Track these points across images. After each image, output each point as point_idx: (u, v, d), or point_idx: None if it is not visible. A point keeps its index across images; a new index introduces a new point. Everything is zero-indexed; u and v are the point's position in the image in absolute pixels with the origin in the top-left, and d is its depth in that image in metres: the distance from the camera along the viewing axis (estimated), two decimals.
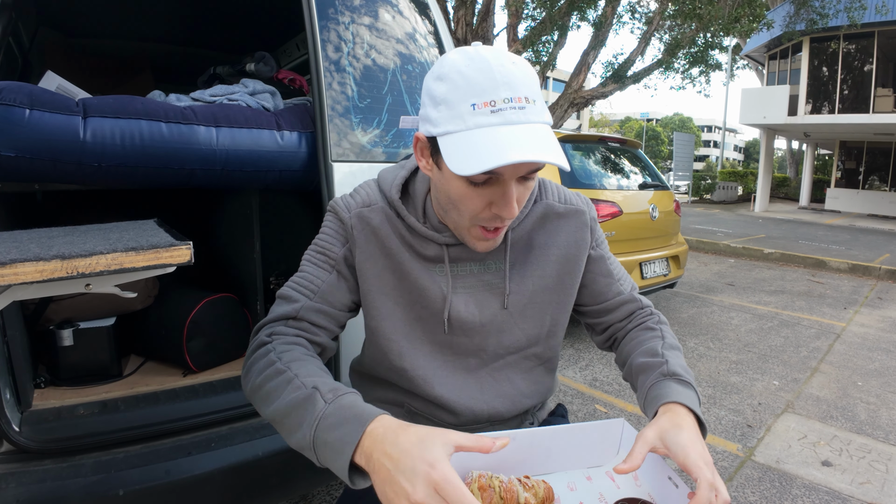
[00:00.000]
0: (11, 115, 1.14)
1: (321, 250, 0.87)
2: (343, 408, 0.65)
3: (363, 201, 0.86)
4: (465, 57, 0.69)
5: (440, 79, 0.70)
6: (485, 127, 0.67)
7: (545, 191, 0.92)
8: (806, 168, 17.51)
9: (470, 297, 0.87)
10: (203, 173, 1.42)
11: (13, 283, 0.51)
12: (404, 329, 0.88)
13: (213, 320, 1.76)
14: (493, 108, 0.66)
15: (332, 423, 0.63)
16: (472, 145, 0.66)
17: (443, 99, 0.69)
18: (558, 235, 0.91)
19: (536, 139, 0.67)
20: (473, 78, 0.67)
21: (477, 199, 0.73)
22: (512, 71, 0.67)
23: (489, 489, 0.72)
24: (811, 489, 2.07)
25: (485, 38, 7.87)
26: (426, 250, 0.85)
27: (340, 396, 0.67)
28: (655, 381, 0.82)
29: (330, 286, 0.85)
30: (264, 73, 2.03)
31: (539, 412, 1.02)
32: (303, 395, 0.68)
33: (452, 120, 0.68)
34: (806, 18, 11.66)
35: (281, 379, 0.72)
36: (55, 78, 1.54)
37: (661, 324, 0.96)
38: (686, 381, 0.81)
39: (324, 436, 0.63)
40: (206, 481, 1.29)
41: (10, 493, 1.14)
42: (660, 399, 0.78)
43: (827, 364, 3.48)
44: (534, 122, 0.68)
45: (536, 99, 0.69)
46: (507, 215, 0.73)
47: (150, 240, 0.68)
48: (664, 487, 0.76)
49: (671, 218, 4.31)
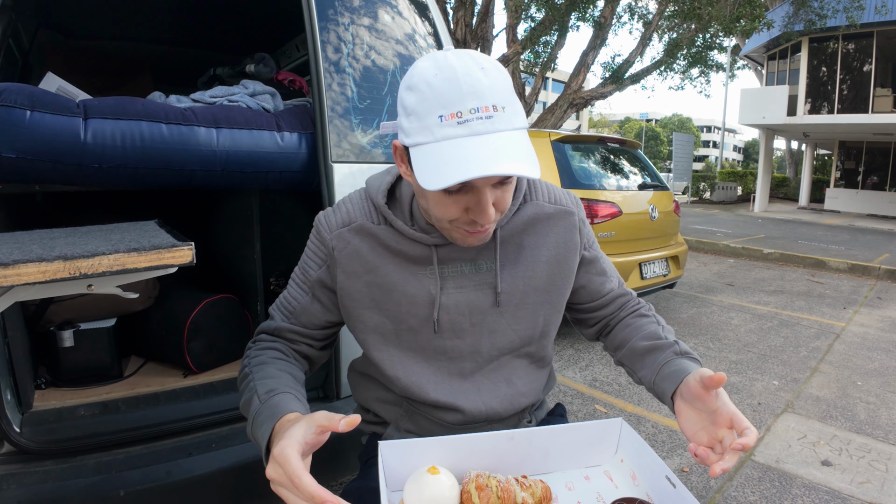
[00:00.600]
0: (12, 116, 1.15)
1: (302, 270, 0.92)
2: (270, 407, 0.74)
3: (343, 220, 0.87)
4: (434, 66, 0.69)
5: (410, 89, 0.70)
6: (452, 139, 0.67)
7: (535, 190, 0.92)
8: (805, 168, 17.51)
9: (461, 296, 0.87)
10: (203, 174, 1.42)
11: (16, 283, 0.51)
12: (395, 340, 0.89)
13: (213, 321, 1.76)
14: (459, 120, 0.66)
15: (260, 420, 0.73)
16: (439, 158, 0.67)
17: (412, 110, 0.69)
18: (548, 237, 0.91)
19: (504, 150, 0.66)
20: (440, 88, 0.67)
21: (453, 206, 0.74)
22: (479, 79, 0.67)
23: (486, 489, 0.72)
24: (811, 489, 2.08)
25: (484, 38, 7.89)
26: (415, 251, 0.85)
27: (273, 397, 0.76)
28: (670, 359, 0.85)
29: (304, 308, 0.91)
30: (264, 74, 2.03)
31: (537, 411, 1.02)
32: (249, 396, 0.79)
33: (422, 131, 0.68)
34: (805, 19, 11.68)
35: (244, 381, 0.83)
36: (56, 79, 1.54)
37: (653, 312, 0.99)
38: (697, 359, 0.85)
39: (254, 432, 0.74)
40: (206, 482, 1.29)
41: (10, 493, 1.14)
42: (682, 373, 0.80)
43: (826, 364, 3.49)
44: (502, 130, 0.67)
45: (506, 105, 0.68)
46: (484, 221, 0.74)
47: (151, 240, 0.68)
48: (662, 487, 0.76)
49: (670, 218, 4.31)
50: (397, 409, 0.94)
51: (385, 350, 0.89)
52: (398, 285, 0.85)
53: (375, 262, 0.85)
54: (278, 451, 0.63)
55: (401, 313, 0.87)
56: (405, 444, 0.78)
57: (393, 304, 0.86)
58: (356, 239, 0.86)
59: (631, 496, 0.78)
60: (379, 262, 0.86)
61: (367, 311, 0.87)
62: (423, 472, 0.73)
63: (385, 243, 0.85)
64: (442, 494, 0.71)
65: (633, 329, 0.95)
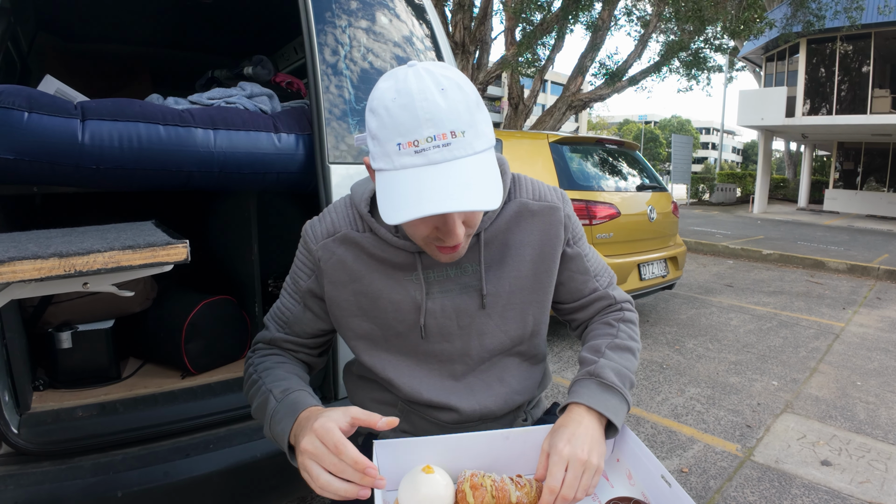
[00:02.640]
0: (10, 117, 1.15)
1: (293, 280, 0.93)
2: (288, 404, 0.77)
3: (328, 230, 0.87)
4: (393, 88, 0.68)
5: (372, 112, 0.70)
6: (409, 168, 0.66)
7: (519, 188, 0.90)
8: (804, 169, 17.52)
9: (447, 300, 0.86)
10: (201, 175, 1.42)
11: (11, 280, 0.51)
12: (384, 345, 0.89)
13: (211, 322, 1.76)
14: (416, 149, 0.66)
15: (279, 418, 0.76)
16: (397, 189, 0.67)
17: (374, 134, 0.69)
18: (533, 234, 0.89)
19: (462, 181, 0.66)
20: (397, 115, 0.66)
21: (421, 225, 0.74)
22: (437, 104, 0.65)
23: (481, 488, 0.72)
24: (810, 488, 2.08)
25: (483, 41, 7.91)
26: (398, 258, 0.85)
27: (288, 395, 0.79)
28: (579, 380, 0.86)
29: (297, 317, 0.93)
30: (262, 76, 2.04)
31: (533, 410, 1.02)
32: (263, 398, 0.81)
33: (383, 157, 0.68)
34: (803, 20, 11.69)
35: (254, 387, 0.85)
36: (54, 82, 1.55)
37: (623, 321, 0.96)
38: (607, 383, 0.83)
39: (273, 429, 0.76)
40: (204, 483, 1.29)
41: (8, 494, 1.14)
42: (567, 399, 0.84)
43: (826, 364, 3.49)
44: (461, 156, 0.66)
45: (466, 129, 0.67)
46: (451, 242, 0.74)
47: (147, 238, 0.69)
48: (657, 486, 0.77)
49: (669, 219, 4.32)
50: (393, 409, 0.94)
51: (376, 355, 0.90)
52: (384, 293, 0.86)
53: (360, 270, 0.86)
54: (319, 425, 0.67)
55: (388, 320, 0.87)
56: (400, 443, 0.78)
57: (380, 312, 0.87)
58: (341, 249, 0.86)
59: (627, 496, 0.78)
60: (364, 270, 0.86)
61: (355, 318, 0.88)
62: (417, 472, 0.73)
63: (369, 251, 0.85)
64: (436, 494, 0.71)
65: (588, 336, 0.96)
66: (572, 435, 0.75)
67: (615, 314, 0.97)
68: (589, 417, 0.79)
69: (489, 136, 0.71)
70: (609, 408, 0.80)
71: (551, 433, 0.78)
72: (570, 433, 0.76)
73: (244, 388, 0.90)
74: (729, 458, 2.31)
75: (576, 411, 0.80)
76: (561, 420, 0.80)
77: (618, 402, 0.82)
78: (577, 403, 0.81)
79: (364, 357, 0.90)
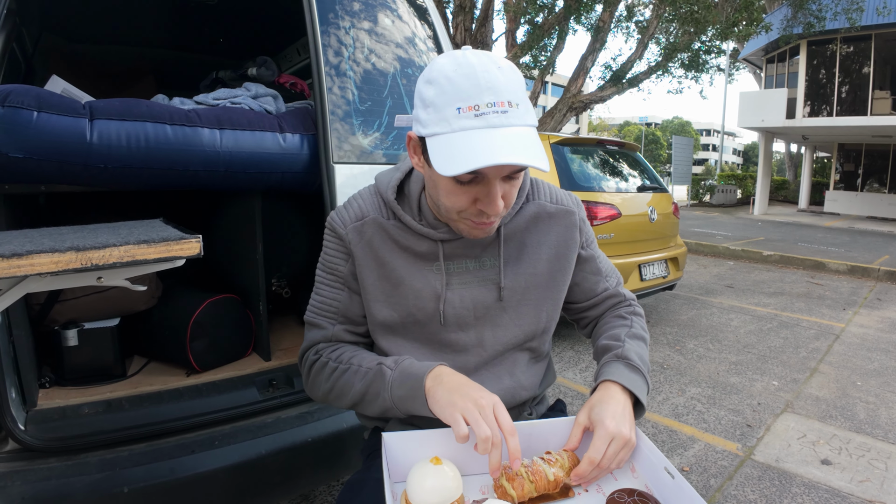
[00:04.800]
0: (19, 117, 1.16)
1: (330, 270, 0.92)
2: (405, 369, 0.81)
3: (356, 215, 0.90)
4: (453, 62, 0.72)
5: (429, 82, 0.73)
6: (468, 130, 0.70)
7: (537, 191, 0.96)
8: (805, 171, 17.53)
9: (466, 292, 0.90)
10: (207, 175, 1.44)
11: (29, 273, 0.53)
12: (402, 332, 0.91)
13: (216, 321, 1.77)
14: (476, 112, 0.69)
15: (401, 381, 0.80)
16: (455, 147, 0.70)
17: (431, 102, 0.72)
18: (549, 235, 0.94)
19: (516, 142, 0.70)
20: (459, 83, 0.70)
21: (463, 196, 0.77)
22: (496, 76, 0.70)
23: (517, 477, 0.74)
24: (811, 487, 2.09)
25: (483, 43, 7.92)
26: (421, 247, 0.88)
27: (401, 363, 0.83)
28: (607, 362, 0.90)
29: (346, 305, 0.92)
30: (266, 77, 2.06)
31: (538, 406, 1.03)
32: (373, 374, 0.84)
33: (439, 122, 0.71)
34: (803, 22, 11.72)
35: (347, 374, 0.87)
36: (60, 82, 1.56)
37: (634, 315, 1.01)
38: (634, 365, 0.88)
39: (398, 392, 0.80)
40: (209, 479, 1.30)
41: (15, 490, 1.15)
42: (599, 377, 0.87)
43: (826, 364, 3.49)
44: (516, 125, 0.71)
45: (520, 103, 0.72)
46: (492, 212, 0.77)
47: (160, 234, 0.70)
48: (660, 478, 0.78)
49: (670, 220, 4.33)
50: None
51: (394, 341, 0.92)
52: (405, 279, 0.88)
53: (385, 256, 0.88)
54: (500, 402, 0.74)
55: (408, 307, 0.89)
56: (409, 435, 0.80)
57: (401, 298, 0.89)
58: (369, 233, 0.89)
59: (630, 487, 0.79)
60: (388, 256, 0.88)
61: (377, 303, 0.90)
62: (425, 463, 0.74)
63: (394, 238, 0.88)
64: (444, 485, 0.72)
65: (604, 329, 0.99)
66: (615, 412, 0.80)
67: (626, 308, 1.02)
68: (623, 395, 0.83)
69: (535, 117, 0.76)
70: (637, 387, 0.85)
71: (591, 407, 0.82)
72: (614, 411, 0.80)
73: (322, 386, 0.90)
74: (729, 457, 2.32)
75: (612, 389, 0.84)
76: (598, 395, 0.84)
77: (642, 384, 0.87)
78: (612, 381, 0.85)
79: (382, 343, 0.92)
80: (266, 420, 1.47)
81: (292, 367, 1.74)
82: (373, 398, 0.83)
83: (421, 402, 0.78)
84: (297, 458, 1.43)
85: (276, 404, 1.52)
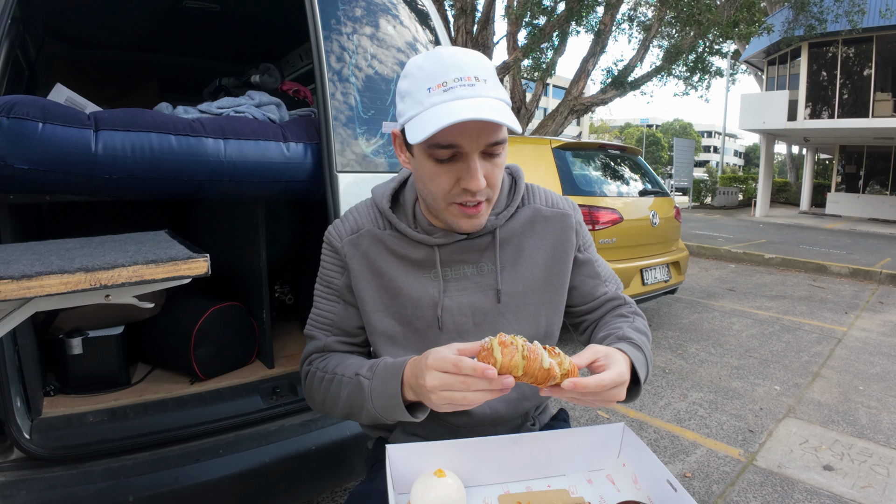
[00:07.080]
0: (25, 128, 1.17)
1: (326, 283, 0.94)
2: (380, 375, 0.79)
3: (351, 228, 0.92)
4: (425, 55, 0.78)
5: (404, 76, 0.79)
6: (439, 104, 0.74)
7: (533, 195, 0.97)
8: (806, 173, 17.51)
9: (463, 298, 0.90)
10: (211, 184, 1.45)
11: (38, 294, 0.53)
12: (403, 342, 0.91)
13: (220, 328, 1.78)
14: (444, 88, 0.74)
15: (380, 390, 0.78)
16: (427, 120, 0.74)
17: (406, 92, 0.78)
18: (545, 238, 0.95)
19: (484, 105, 0.73)
20: (428, 68, 0.76)
21: (444, 176, 0.79)
22: (462, 57, 0.75)
23: (511, 345, 0.69)
24: (813, 493, 2.08)
25: (485, 46, 7.93)
26: (418, 254, 0.89)
27: (376, 367, 0.81)
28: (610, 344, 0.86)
29: (341, 317, 0.93)
30: (269, 84, 2.06)
31: (541, 415, 1.04)
32: (353, 385, 0.83)
33: (413, 106, 0.76)
34: (804, 24, 11.71)
35: (333, 385, 0.86)
36: (64, 90, 1.57)
37: (636, 314, 1.00)
38: (637, 344, 0.86)
39: (379, 402, 0.78)
40: (213, 487, 1.31)
41: (20, 499, 1.15)
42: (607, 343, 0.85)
43: (828, 369, 3.49)
44: (484, 96, 0.74)
45: (488, 79, 0.75)
46: (474, 187, 0.78)
47: (168, 252, 0.71)
48: (663, 491, 0.78)
49: (671, 224, 4.33)
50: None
51: (394, 352, 0.92)
52: (403, 289, 0.89)
53: (382, 266, 0.89)
54: (433, 360, 0.68)
55: (407, 316, 0.90)
56: (412, 447, 0.80)
57: (399, 308, 0.90)
58: (364, 245, 0.90)
59: (633, 499, 0.79)
60: (386, 266, 0.89)
61: (377, 314, 0.90)
62: (429, 475, 0.74)
63: (391, 248, 0.89)
64: (448, 497, 0.73)
65: (605, 327, 0.97)
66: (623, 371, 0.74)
67: (627, 308, 1.01)
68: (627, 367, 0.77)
69: (507, 97, 0.78)
70: (640, 365, 0.83)
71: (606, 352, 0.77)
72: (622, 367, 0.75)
73: (316, 397, 0.90)
74: (731, 462, 2.32)
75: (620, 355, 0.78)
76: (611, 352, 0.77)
77: (642, 359, 0.84)
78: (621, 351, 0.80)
79: (384, 353, 0.92)
80: (270, 428, 1.47)
81: (296, 374, 1.75)
82: (358, 410, 0.83)
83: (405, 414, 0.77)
84: (300, 467, 1.43)
85: (279, 412, 1.52)
